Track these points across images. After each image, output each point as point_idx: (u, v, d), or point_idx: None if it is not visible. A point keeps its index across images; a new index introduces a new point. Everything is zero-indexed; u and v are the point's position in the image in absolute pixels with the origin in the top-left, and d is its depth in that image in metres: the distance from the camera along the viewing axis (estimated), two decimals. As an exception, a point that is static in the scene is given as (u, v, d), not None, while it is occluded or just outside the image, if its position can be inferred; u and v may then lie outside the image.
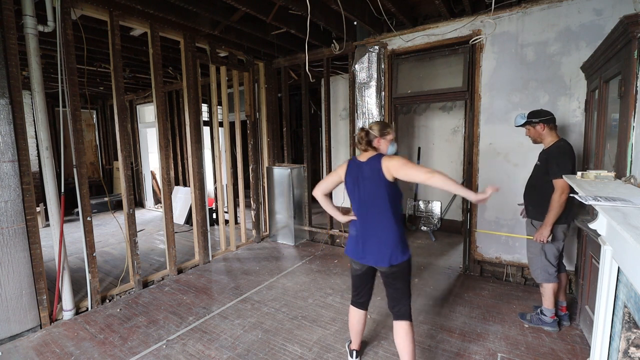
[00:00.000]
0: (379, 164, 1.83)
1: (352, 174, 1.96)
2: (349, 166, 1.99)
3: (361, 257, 1.95)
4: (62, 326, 2.74)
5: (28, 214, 2.58)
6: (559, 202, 2.29)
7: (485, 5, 3.26)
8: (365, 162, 1.91)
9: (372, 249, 1.89)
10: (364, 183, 1.89)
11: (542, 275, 2.48)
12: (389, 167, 1.80)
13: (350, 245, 2.03)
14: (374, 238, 1.89)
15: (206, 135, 4.57)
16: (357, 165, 1.95)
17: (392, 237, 1.85)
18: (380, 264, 1.86)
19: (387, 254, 1.84)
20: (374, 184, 1.85)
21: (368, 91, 3.96)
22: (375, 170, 1.83)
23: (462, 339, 2.46)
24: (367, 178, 1.88)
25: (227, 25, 3.74)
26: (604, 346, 1.40)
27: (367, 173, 1.88)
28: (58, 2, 2.65)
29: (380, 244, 1.86)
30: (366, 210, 1.90)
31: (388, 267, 1.85)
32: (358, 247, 1.96)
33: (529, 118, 2.47)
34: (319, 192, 2.13)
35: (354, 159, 2.00)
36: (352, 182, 1.96)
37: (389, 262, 1.83)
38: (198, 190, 3.98)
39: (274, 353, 2.34)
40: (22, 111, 2.53)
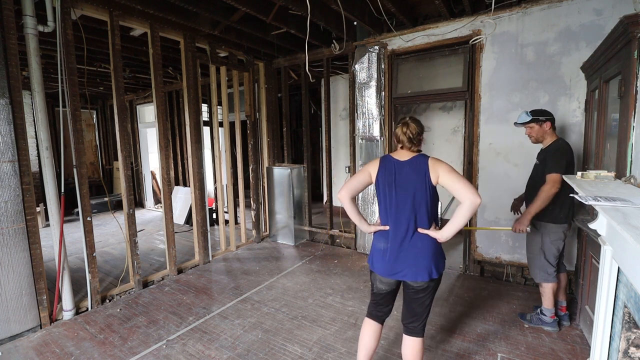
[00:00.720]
0: (426, 165, 1.64)
1: (386, 175, 1.71)
2: (382, 165, 1.74)
3: (393, 272, 1.69)
4: (62, 326, 2.74)
5: (28, 214, 2.58)
6: (547, 194, 2.31)
7: (485, 5, 3.26)
8: (406, 162, 1.69)
9: (409, 262, 1.66)
10: (403, 185, 1.67)
11: (541, 275, 2.49)
12: (438, 170, 1.61)
13: (377, 260, 1.76)
14: (411, 249, 1.66)
15: (206, 135, 4.57)
16: (395, 164, 1.71)
17: (432, 247, 1.67)
18: (419, 278, 1.64)
19: (427, 266, 1.64)
20: (417, 187, 1.64)
21: (368, 91, 3.96)
22: (421, 171, 1.64)
23: (462, 339, 2.46)
24: (408, 179, 1.66)
25: (227, 25, 3.74)
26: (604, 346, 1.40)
27: (409, 174, 1.66)
28: (58, 2, 2.65)
29: (418, 256, 1.65)
30: (402, 217, 1.67)
31: (427, 281, 1.65)
32: (389, 261, 1.70)
33: (534, 116, 2.44)
34: (346, 194, 1.80)
35: (389, 157, 1.75)
36: (386, 184, 1.71)
37: (429, 275, 1.63)
38: (198, 190, 3.98)
39: (274, 353, 2.34)
40: (22, 111, 2.53)
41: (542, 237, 2.47)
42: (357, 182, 1.79)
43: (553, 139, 2.45)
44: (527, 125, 2.50)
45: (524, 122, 2.49)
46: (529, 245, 2.60)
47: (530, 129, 2.50)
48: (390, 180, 1.70)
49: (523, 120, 2.49)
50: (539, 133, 2.47)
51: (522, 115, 2.50)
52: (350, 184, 1.80)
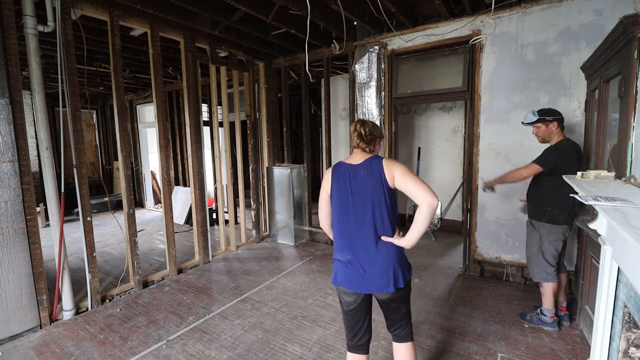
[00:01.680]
0: (380, 167, 1.55)
1: (339, 181, 1.61)
2: (334, 173, 1.65)
3: (358, 284, 1.57)
4: (62, 326, 2.74)
5: (28, 214, 2.58)
6: (516, 174, 2.46)
7: (485, 5, 3.26)
8: (359, 165, 1.59)
9: (374, 272, 1.54)
10: (359, 190, 1.56)
11: (540, 275, 2.49)
12: (393, 171, 1.52)
13: (340, 272, 1.62)
14: (376, 259, 1.54)
15: (206, 135, 4.57)
16: (347, 169, 1.61)
17: (397, 255, 1.56)
18: (386, 289, 1.53)
19: (392, 275, 1.53)
20: (373, 190, 1.54)
21: (368, 91, 3.96)
22: (376, 173, 1.55)
23: (462, 339, 2.46)
24: (364, 184, 1.56)
25: (227, 25, 3.74)
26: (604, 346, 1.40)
27: (364, 177, 1.57)
28: (58, 2, 2.65)
29: (383, 266, 1.53)
30: (361, 225, 1.56)
31: (394, 291, 1.54)
32: (353, 273, 1.57)
33: (541, 116, 2.42)
34: (326, 222, 1.75)
35: (340, 163, 1.67)
36: (340, 190, 1.61)
37: (394, 285, 1.53)
38: (198, 190, 3.98)
39: (274, 353, 2.34)
40: (22, 111, 2.53)
41: (541, 237, 2.47)
42: (326, 206, 1.72)
43: (560, 138, 2.44)
44: (534, 125, 2.47)
45: (530, 122, 2.46)
46: (528, 245, 2.61)
47: (537, 128, 2.48)
48: (344, 188, 1.60)
49: (530, 120, 2.46)
50: (545, 133, 2.45)
51: (529, 114, 2.47)
52: (322, 211, 1.74)
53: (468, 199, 3.68)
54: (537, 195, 2.50)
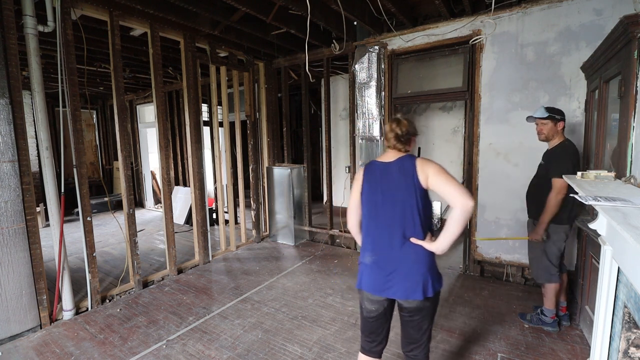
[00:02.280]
0: (413, 166, 1.47)
1: (372, 179, 1.55)
2: (367, 171, 1.59)
3: (383, 289, 1.48)
4: (62, 326, 2.74)
5: (28, 214, 2.58)
6: (555, 202, 2.30)
7: (485, 5, 3.26)
8: (392, 163, 1.52)
9: (400, 276, 1.46)
10: (389, 189, 1.50)
11: (544, 276, 2.48)
12: (427, 171, 1.45)
13: (365, 275, 1.55)
14: (403, 261, 1.46)
15: (206, 135, 4.57)
16: (380, 167, 1.55)
17: (427, 260, 1.47)
18: (412, 296, 1.44)
19: (420, 282, 1.44)
20: (405, 190, 1.47)
21: (368, 91, 3.96)
22: (408, 173, 1.47)
23: (462, 339, 2.46)
24: (396, 183, 1.49)
25: (227, 25, 3.74)
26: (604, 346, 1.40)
27: (396, 176, 1.49)
28: (58, 2, 2.65)
29: (412, 269, 1.45)
30: (390, 225, 1.49)
31: (422, 300, 1.45)
32: (378, 276, 1.49)
33: (551, 113, 2.38)
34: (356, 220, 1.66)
35: (373, 161, 1.60)
36: (370, 188, 1.55)
37: (423, 293, 1.44)
38: (198, 190, 3.98)
39: (274, 353, 2.34)
40: (22, 111, 2.53)
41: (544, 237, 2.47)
42: (355, 208, 1.64)
43: (560, 139, 2.43)
44: (542, 121, 2.42)
45: (541, 117, 2.40)
46: (531, 247, 2.59)
47: (543, 125, 2.42)
48: (375, 186, 1.54)
49: (541, 115, 2.40)
50: (551, 131, 2.41)
51: (540, 109, 2.42)
52: (351, 213, 1.65)
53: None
54: (540, 196, 2.46)
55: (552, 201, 2.30)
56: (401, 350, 1.66)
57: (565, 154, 2.34)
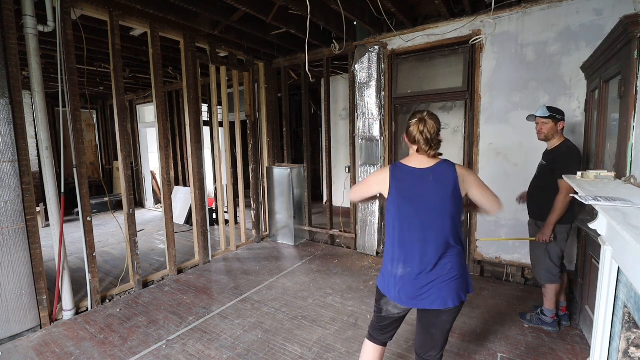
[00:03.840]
0: (454, 174, 1.42)
1: (403, 187, 1.46)
2: (394, 176, 1.48)
3: (416, 300, 1.44)
4: (62, 326, 2.74)
5: (28, 214, 2.58)
6: (564, 203, 2.29)
7: (485, 5, 3.26)
8: (428, 170, 1.45)
9: (438, 287, 1.41)
10: (428, 199, 1.42)
11: (546, 277, 2.48)
12: (466, 181, 1.43)
13: (394, 287, 1.48)
14: (440, 273, 1.42)
15: (206, 135, 4.57)
16: (413, 173, 1.46)
17: (461, 267, 1.46)
18: (450, 303, 1.41)
19: (456, 289, 1.42)
20: (445, 200, 1.41)
21: (368, 91, 3.96)
22: (448, 181, 1.42)
23: (462, 339, 2.46)
24: (434, 192, 1.42)
25: (227, 25, 3.74)
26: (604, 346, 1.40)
27: (433, 185, 1.42)
28: (58, 2, 2.65)
29: (449, 280, 1.42)
30: (429, 237, 1.42)
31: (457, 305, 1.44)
32: (411, 288, 1.44)
33: (553, 113, 2.38)
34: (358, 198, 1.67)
35: (401, 165, 1.51)
36: (400, 196, 1.45)
37: (459, 299, 1.42)
38: (198, 190, 3.98)
39: (274, 353, 2.34)
40: (22, 111, 2.53)
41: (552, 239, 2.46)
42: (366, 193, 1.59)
43: (561, 140, 2.42)
44: (543, 120, 2.41)
45: (543, 116, 2.39)
46: (533, 247, 2.58)
47: (544, 124, 2.41)
48: (405, 194, 1.44)
49: (543, 114, 2.39)
50: (551, 131, 2.40)
51: (541, 108, 2.42)
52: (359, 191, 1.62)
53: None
54: (542, 196, 2.46)
55: (560, 202, 2.29)
56: (415, 352, 1.64)
57: (572, 154, 2.33)
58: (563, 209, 2.31)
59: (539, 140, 2.52)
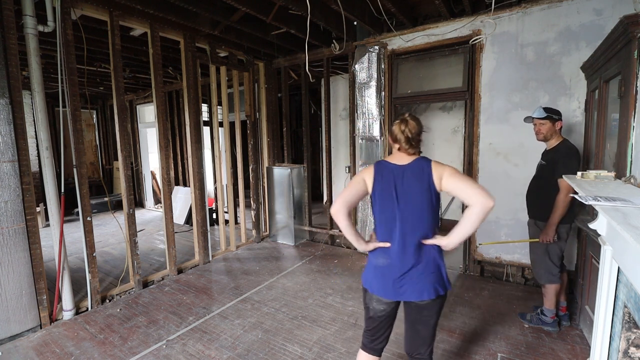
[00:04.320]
0: (429, 169, 1.46)
1: (384, 183, 1.52)
2: (378, 172, 1.54)
3: (397, 293, 1.50)
4: (62, 326, 2.74)
5: (28, 214, 2.58)
6: (565, 203, 2.29)
7: (485, 5, 3.26)
8: (406, 167, 1.50)
9: (413, 279, 1.47)
10: (406, 194, 1.48)
11: (546, 277, 2.48)
12: (442, 174, 1.44)
13: (376, 279, 1.56)
14: (418, 265, 1.48)
15: (206, 135, 4.56)
16: (393, 170, 1.51)
17: (438, 260, 1.51)
18: (427, 296, 1.46)
19: (433, 282, 1.47)
20: (420, 194, 1.46)
21: (368, 91, 3.96)
22: (424, 177, 1.46)
23: (462, 339, 2.46)
24: (410, 186, 1.47)
25: (227, 25, 3.74)
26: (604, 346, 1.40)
27: (411, 180, 1.48)
28: (58, 2, 2.65)
29: (426, 271, 1.48)
30: (407, 230, 1.49)
31: (434, 299, 1.48)
32: (391, 280, 1.50)
33: (548, 113, 2.39)
34: (342, 208, 1.53)
35: (385, 162, 1.56)
36: (384, 193, 1.51)
37: (435, 292, 1.47)
38: (198, 190, 3.98)
39: (274, 353, 2.34)
40: (22, 111, 2.53)
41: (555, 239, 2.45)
42: (352, 194, 1.55)
43: (559, 140, 2.43)
44: (540, 121, 2.43)
45: (540, 117, 2.41)
46: (533, 247, 2.57)
47: (542, 125, 2.43)
48: (389, 190, 1.50)
49: (540, 115, 2.41)
50: (549, 131, 2.42)
51: (538, 109, 2.44)
52: (345, 196, 1.54)
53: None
54: (541, 196, 2.46)
55: (561, 202, 2.30)
56: (405, 353, 1.67)
57: (571, 154, 2.34)
58: (564, 208, 2.31)
59: (538, 140, 2.52)
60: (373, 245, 1.59)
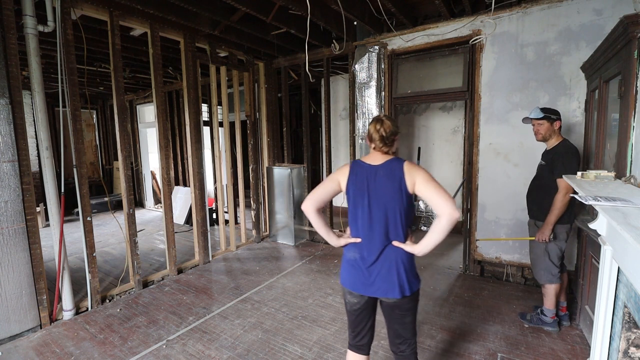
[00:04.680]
0: (401, 170, 1.48)
1: (358, 181, 1.56)
2: (352, 171, 1.59)
3: (365, 287, 1.55)
4: (62, 326, 2.74)
5: (28, 214, 2.58)
6: (563, 202, 2.29)
7: (485, 5, 3.26)
8: (379, 167, 1.54)
9: (380, 276, 1.52)
10: (376, 192, 1.52)
11: (546, 277, 2.47)
12: (414, 177, 1.46)
13: (347, 272, 1.62)
14: (384, 262, 1.52)
15: (206, 135, 4.57)
16: (367, 169, 1.56)
17: (405, 260, 1.52)
18: (391, 294, 1.50)
19: (397, 282, 1.50)
20: (391, 195, 1.49)
21: (368, 91, 3.96)
22: (396, 177, 1.49)
23: (462, 339, 2.46)
24: (382, 186, 1.51)
25: (227, 25, 3.74)
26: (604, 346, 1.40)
27: (382, 180, 1.51)
28: (58, 2, 2.65)
29: (391, 270, 1.51)
30: (376, 228, 1.53)
31: (399, 298, 1.50)
32: (360, 274, 1.56)
33: (546, 114, 2.40)
34: (311, 205, 1.62)
35: (359, 162, 1.60)
36: (357, 192, 1.56)
37: (401, 292, 1.49)
38: (198, 190, 3.98)
39: (274, 353, 2.34)
40: (22, 111, 2.53)
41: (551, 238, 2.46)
42: (323, 192, 1.62)
43: (559, 139, 2.43)
44: (538, 122, 2.44)
45: (537, 118, 2.42)
46: (533, 247, 2.57)
47: (540, 125, 2.44)
48: (361, 188, 1.54)
49: (537, 116, 2.41)
50: (548, 131, 2.42)
51: (535, 110, 2.44)
52: (315, 193, 1.62)
53: (468, 199, 3.68)
54: (541, 197, 2.46)
55: (559, 202, 2.29)
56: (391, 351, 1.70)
57: (570, 153, 2.33)
58: (562, 208, 2.31)
59: (537, 141, 2.52)
60: (345, 240, 1.64)
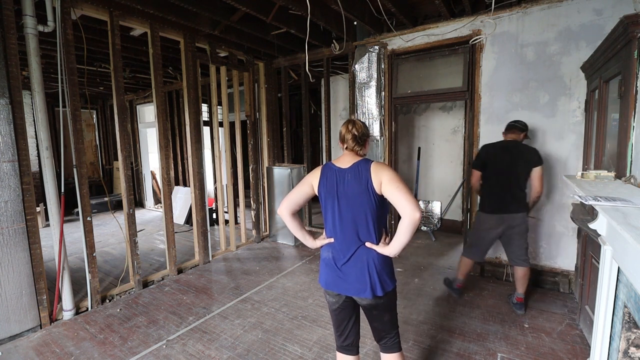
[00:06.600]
0: (367, 172, 1.49)
1: (328, 184, 1.58)
2: (323, 174, 1.61)
3: (338, 286, 1.57)
4: (62, 326, 2.74)
5: (28, 214, 2.58)
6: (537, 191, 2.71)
7: (485, 5, 3.26)
8: (348, 169, 1.55)
9: (352, 276, 1.54)
10: (346, 195, 1.53)
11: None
12: (381, 178, 1.46)
13: (323, 272, 1.66)
14: (356, 262, 1.54)
15: (206, 135, 4.57)
16: (336, 172, 1.57)
17: (376, 262, 1.52)
18: (362, 294, 1.52)
19: (369, 282, 1.50)
20: (360, 197, 1.50)
21: (368, 91, 3.96)
22: (363, 179, 1.50)
23: (462, 339, 2.46)
24: (351, 188, 1.52)
25: (227, 25, 3.74)
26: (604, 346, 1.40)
27: (351, 182, 1.52)
28: (58, 2, 2.65)
29: (363, 271, 1.52)
30: (346, 229, 1.56)
31: (371, 298, 1.52)
32: (333, 273, 1.59)
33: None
34: (285, 209, 1.66)
35: (330, 164, 1.62)
36: (328, 193, 1.58)
37: (372, 292, 1.50)
38: (198, 190, 3.98)
39: (274, 353, 2.34)
40: (22, 111, 2.53)
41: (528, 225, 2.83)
42: (298, 195, 1.65)
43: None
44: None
45: None
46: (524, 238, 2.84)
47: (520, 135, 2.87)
48: (332, 191, 1.57)
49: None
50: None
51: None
52: (290, 197, 1.66)
53: (468, 199, 3.68)
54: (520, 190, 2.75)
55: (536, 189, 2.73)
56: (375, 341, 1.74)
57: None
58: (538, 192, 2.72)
59: None
60: (320, 242, 1.70)
